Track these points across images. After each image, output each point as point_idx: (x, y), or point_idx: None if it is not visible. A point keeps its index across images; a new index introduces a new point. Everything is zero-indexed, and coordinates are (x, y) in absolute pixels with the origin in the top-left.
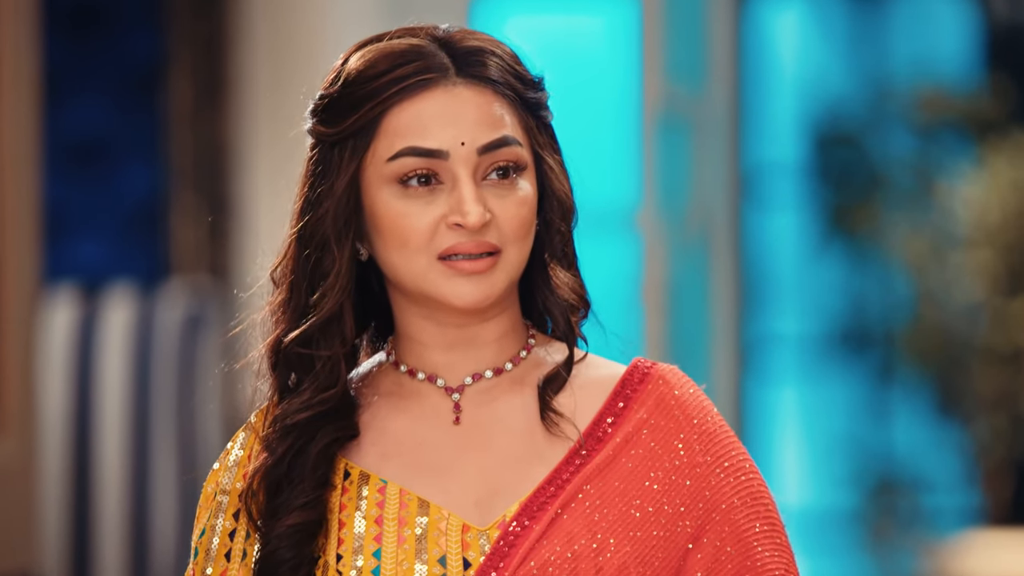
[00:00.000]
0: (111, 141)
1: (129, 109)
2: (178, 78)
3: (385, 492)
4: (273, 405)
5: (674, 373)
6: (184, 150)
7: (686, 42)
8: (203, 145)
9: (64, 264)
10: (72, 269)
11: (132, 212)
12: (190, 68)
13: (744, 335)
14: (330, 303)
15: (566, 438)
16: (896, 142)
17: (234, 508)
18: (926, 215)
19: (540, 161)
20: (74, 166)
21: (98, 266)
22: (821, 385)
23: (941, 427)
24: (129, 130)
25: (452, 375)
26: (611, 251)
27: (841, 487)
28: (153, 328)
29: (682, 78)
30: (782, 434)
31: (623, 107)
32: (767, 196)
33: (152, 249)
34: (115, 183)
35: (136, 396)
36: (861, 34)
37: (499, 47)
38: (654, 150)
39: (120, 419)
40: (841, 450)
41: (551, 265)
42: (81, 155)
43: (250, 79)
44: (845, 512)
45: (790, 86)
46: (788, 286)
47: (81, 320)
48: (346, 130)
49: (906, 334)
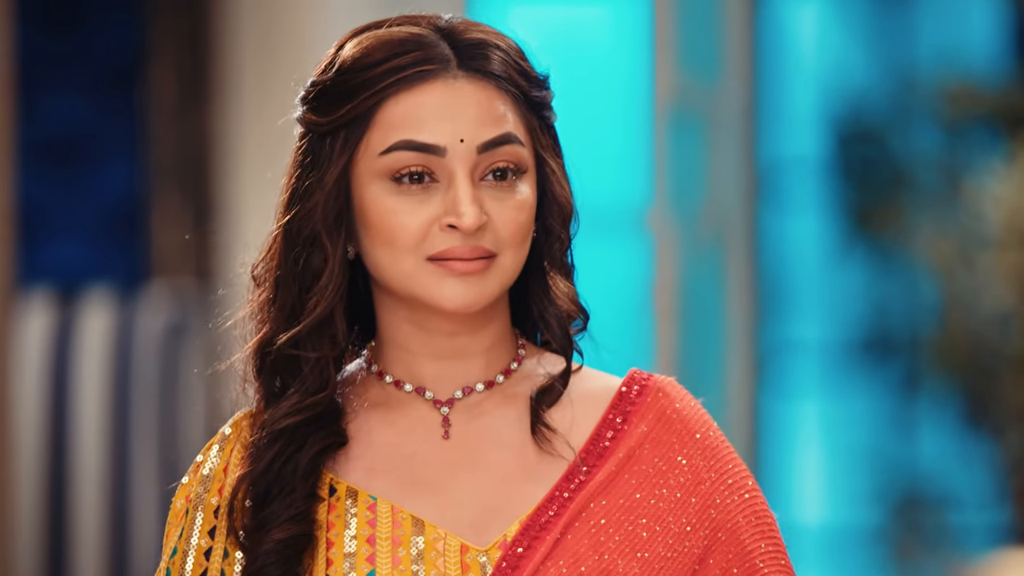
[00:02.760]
0: (89, 138)
1: (108, 104)
2: (160, 71)
3: (376, 510)
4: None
5: (672, 385)
6: (166, 147)
7: (699, 32)
8: (187, 142)
9: (39, 267)
10: (48, 273)
11: (111, 213)
12: (173, 61)
13: (761, 343)
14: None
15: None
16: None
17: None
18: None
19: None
20: (50, 164)
21: (75, 269)
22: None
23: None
24: (108, 126)
25: (441, 388)
26: (620, 253)
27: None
28: (133, 335)
29: (695, 70)
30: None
31: (632, 102)
32: (785, 195)
33: (132, 252)
34: (93, 182)
35: (115, 407)
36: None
37: (504, 40)
38: (665, 147)
39: (98, 432)
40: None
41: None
42: (57, 153)
43: (237, 72)
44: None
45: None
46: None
47: (57, 327)
48: (338, 120)
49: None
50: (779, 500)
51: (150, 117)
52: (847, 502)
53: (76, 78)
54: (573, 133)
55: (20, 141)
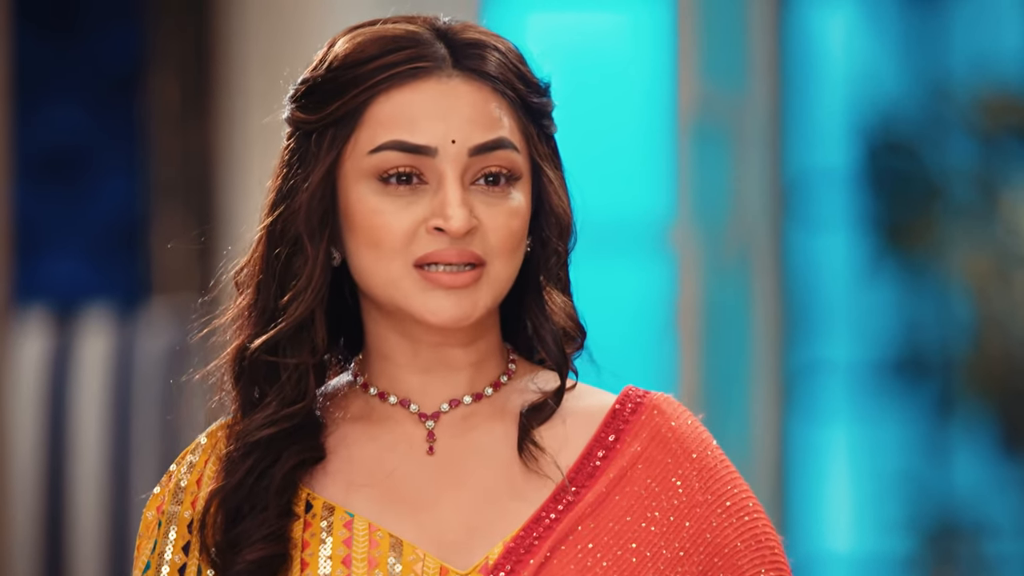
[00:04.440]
0: (88, 149)
1: (107, 114)
2: (162, 80)
3: (352, 527)
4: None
5: (669, 403)
6: (169, 159)
7: (724, 40)
8: (190, 154)
9: (35, 285)
10: (44, 290)
11: (111, 228)
12: (175, 69)
13: (787, 364)
14: (301, 308)
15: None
16: (956, 150)
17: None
18: (989, 231)
19: (538, 172)
20: (47, 177)
21: (73, 287)
22: (872, 419)
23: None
24: (108, 137)
25: (427, 400)
26: (641, 272)
27: (895, 532)
28: (134, 357)
29: (719, 80)
30: (830, 472)
31: (654, 112)
32: (813, 210)
33: (133, 269)
34: (92, 195)
35: (115, 433)
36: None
37: (503, 43)
38: (688, 160)
39: (98, 459)
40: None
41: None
42: (54, 164)
43: (242, 81)
44: (900, 559)
45: (838, 88)
46: (836, 310)
47: (54, 348)
48: (327, 117)
49: (967, 363)
50: (807, 528)
51: (151, 127)
52: (878, 530)
53: (74, 87)
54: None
55: (15, 153)
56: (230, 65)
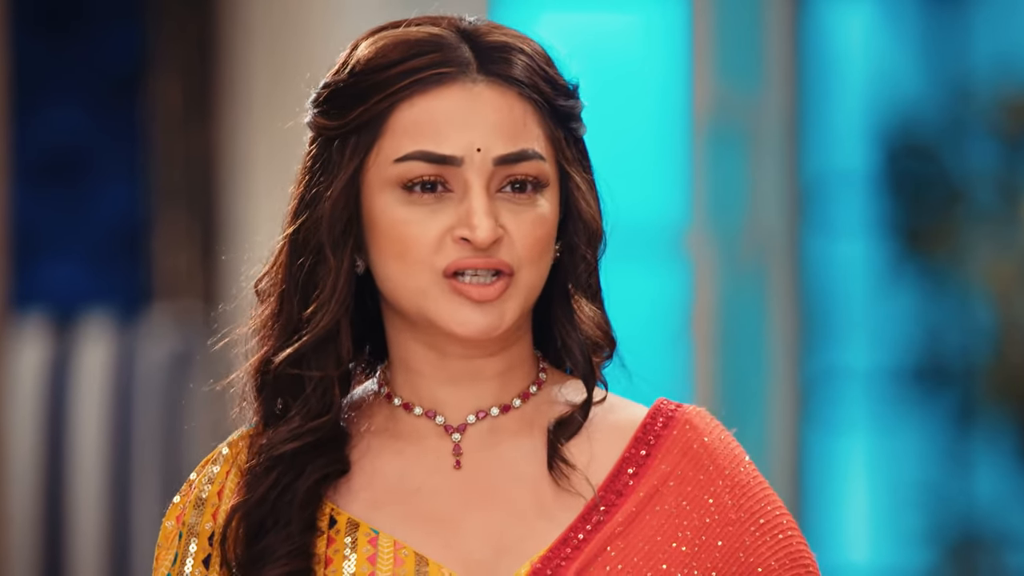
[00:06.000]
0: (88, 152)
1: (109, 116)
2: (164, 81)
3: (377, 544)
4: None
5: (701, 417)
6: (171, 162)
7: (739, 40)
8: (193, 157)
9: (34, 291)
10: (43, 296)
11: (112, 232)
12: (178, 70)
13: (805, 371)
14: (326, 319)
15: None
16: (978, 153)
17: (204, 553)
18: (1012, 235)
19: (566, 178)
20: (46, 180)
21: (73, 293)
22: (892, 428)
23: None
24: (108, 139)
25: (453, 412)
26: (656, 277)
27: (916, 544)
28: (135, 365)
29: (735, 81)
30: (848, 482)
31: (669, 114)
32: (831, 214)
33: (134, 275)
34: (92, 199)
35: (115, 441)
36: (938, 29)
37: (530, 45)
38: (704, 163)
39: (98, 468)
40: (915, 502)
41: (575, 297)
42: (54, 168)
43: (246, 82)
44: (920, 572)
45: (857, 89)
46: (854, 316)
47: (53, 355)
48: (350, 124)
49: (989, 370)
50: (825, 540)
51: (153, 130)
52: (898, 542)
53: (74, 88)
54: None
55: (14, 156)
56: (233, 67)
